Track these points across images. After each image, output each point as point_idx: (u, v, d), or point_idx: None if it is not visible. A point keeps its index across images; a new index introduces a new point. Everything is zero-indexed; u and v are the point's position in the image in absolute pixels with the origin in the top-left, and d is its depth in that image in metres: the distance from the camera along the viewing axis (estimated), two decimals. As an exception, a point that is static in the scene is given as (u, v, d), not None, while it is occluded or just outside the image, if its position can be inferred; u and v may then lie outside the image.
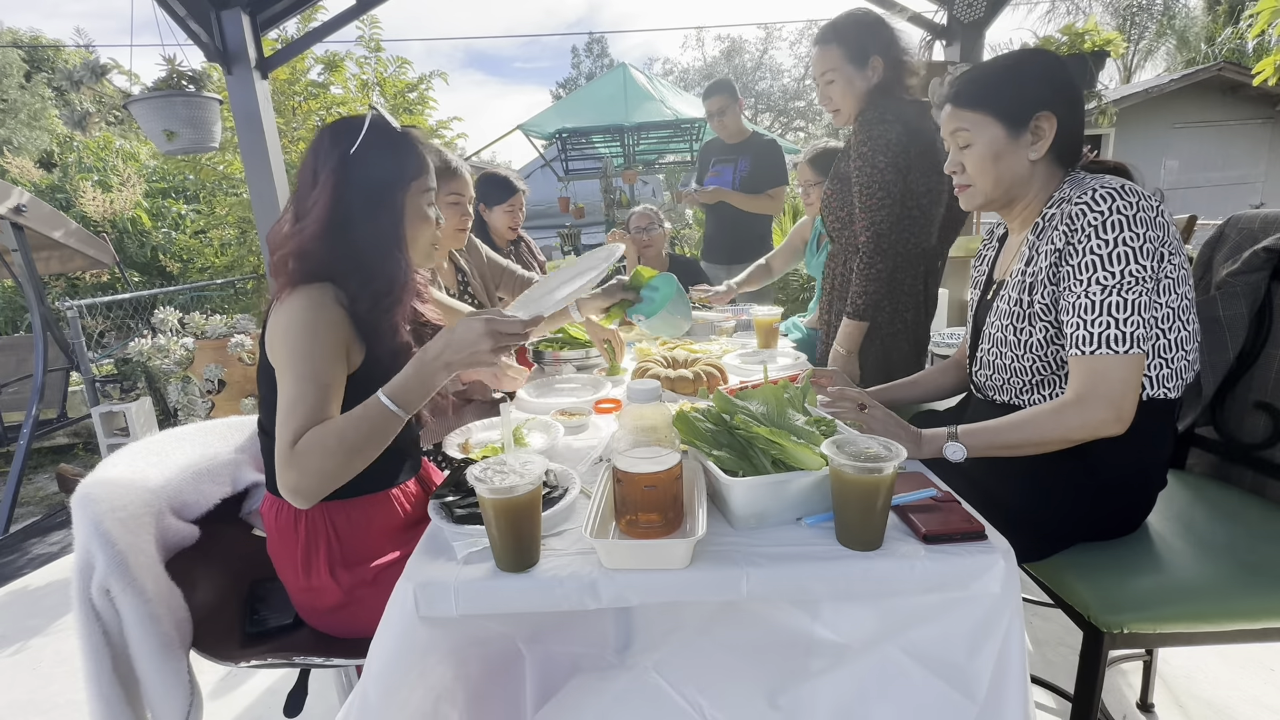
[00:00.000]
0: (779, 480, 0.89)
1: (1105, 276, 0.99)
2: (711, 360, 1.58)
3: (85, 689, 0.99)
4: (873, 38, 1.71)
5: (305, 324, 1.01)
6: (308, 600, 1.12)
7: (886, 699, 0.81)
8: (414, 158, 1.13)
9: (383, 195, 1.10)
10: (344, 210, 1.07)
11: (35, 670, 2.00)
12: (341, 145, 1.08)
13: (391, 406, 0.97)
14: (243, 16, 3.25)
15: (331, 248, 1.07)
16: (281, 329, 1.02)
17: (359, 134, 1.07)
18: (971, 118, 1.13)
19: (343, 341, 1.05)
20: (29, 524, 3.20)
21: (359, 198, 1.08)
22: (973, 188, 1.17)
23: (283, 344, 1.02)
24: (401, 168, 1.11)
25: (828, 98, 1.78)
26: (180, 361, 3.41)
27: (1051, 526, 1.09)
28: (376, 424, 0.97)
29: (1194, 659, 1.68)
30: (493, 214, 2.66)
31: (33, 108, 16.28)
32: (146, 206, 6.84)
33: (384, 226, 1.10)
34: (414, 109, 5.49)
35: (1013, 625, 0.80)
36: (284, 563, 1.12)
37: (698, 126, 8.65)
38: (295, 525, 1.10)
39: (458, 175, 1.83)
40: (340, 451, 0.95)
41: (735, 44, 26.49)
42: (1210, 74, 10.21)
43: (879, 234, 1.68)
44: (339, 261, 1.07)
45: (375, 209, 1.09)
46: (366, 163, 1.08)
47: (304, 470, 0.94)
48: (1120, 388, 1.00)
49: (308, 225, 1.07)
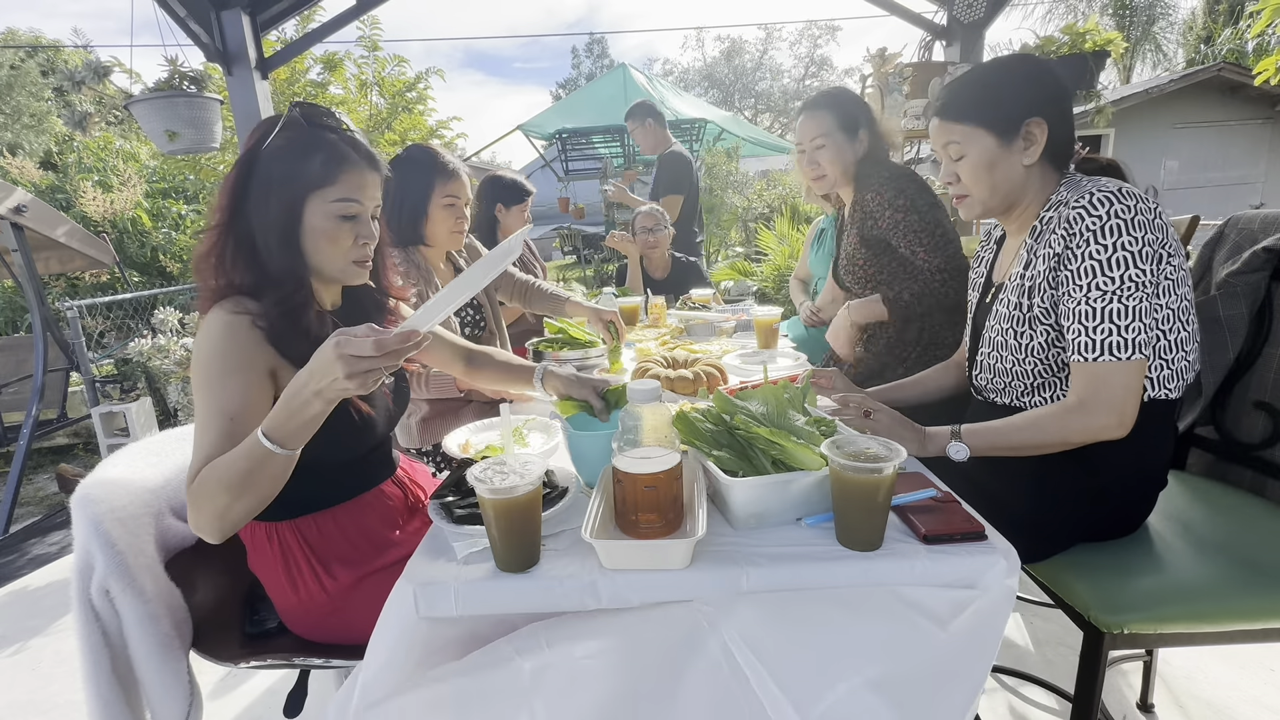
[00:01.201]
0: (779, 480, 0.89)
1: (1105, 282, 0.99)
2: (711, 360, 1.57)
3: (84, 689, 0.99)
4: (861, 111, 1.78)
5: (215, 352, 0.95)
6: (298, 613, 1.10)
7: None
8: (325, 157, 1.02)
9: (280, 194, 1.00)
10: (245, 207, 1.01)
11: (35, 670, 2.00)
12: (254, 141, 1.02)
13: (267, 443, 0.84)
14: (243, 17, 3.26)
15: (232, 247, 1.01)
16: (195, 356, 0.97)
17: (272, 128, 1.01)
18: (961, 130, 1.13)
19: (261, 367, 0.97)
20: (29, 524, 3.20)
21: (257, 195, 1.01)
22: (970, 197, 1.17)
23: (195, 373, 0.96)
24: (305, 170, 1.01)
25: (815, 163, 1.80)
26: (180, 362, 3.41)
27: (1052, 527, 1.09)
28: (256, 462, 0.85)
29: (1194, 659, 1.68)
30: (509, 215, 2.67)
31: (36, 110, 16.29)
32: (147, 207, 6.84)
33: (272, 230, 1.01)
34: (413, 108, 5.49)
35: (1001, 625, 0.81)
36: (269, 579, 1.11)
37: (698, 127, 8.65)
38: (269, 544, 1.08)
39: (455, 177, 1.82)
40: (224, 492, 0.86)
41: (735, 44, 26.49)
42: (1210, 74, 10.21)
43: (958, 265, 1.68)
44: (241, 265, 1.01)
45: (266, 210, 1.01)
46: (271, 161, 1.00)
47: (199, 509, 0.88)
48: (1122, 393, 1.00)
49: (214, 219, 1.01)
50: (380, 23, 5.13)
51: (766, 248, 6.28)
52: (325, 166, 1.02)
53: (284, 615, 1.12)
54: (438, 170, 1.80)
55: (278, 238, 1.01)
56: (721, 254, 7.49)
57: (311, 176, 1.01)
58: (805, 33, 25.78)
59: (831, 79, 26.86)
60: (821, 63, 26.59)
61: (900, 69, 3.43)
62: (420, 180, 1.80)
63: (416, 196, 1.80)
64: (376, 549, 1.13)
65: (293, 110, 1.03)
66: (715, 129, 8.62)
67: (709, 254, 7.42)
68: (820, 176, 1.81)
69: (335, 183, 1.02)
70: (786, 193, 8.22)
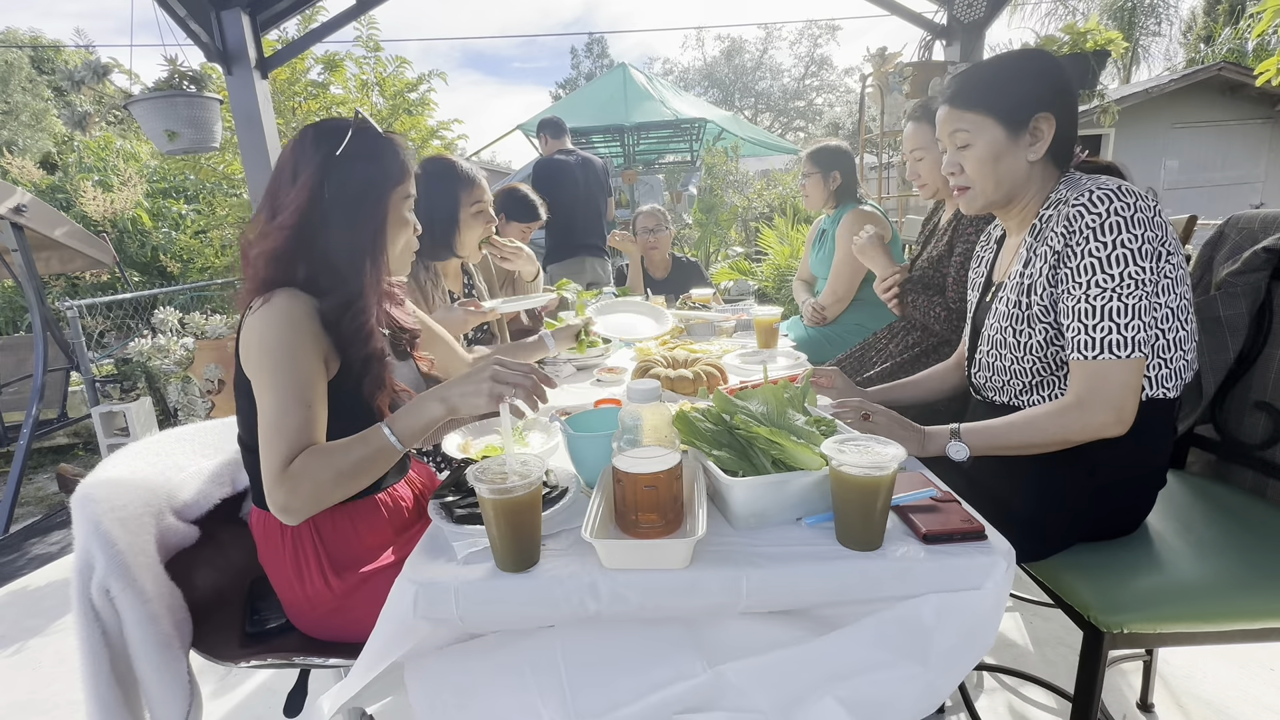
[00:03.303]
0: (779, 480, 0.89)
1: (1104, 279, 0.99)
2: (711, 360, 1.57)
3: (83, 689, 0.99)
4: None
5: (285, 341, 0.99)
6: (303, 608, 1.10)
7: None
8: (397, 163, 1.13)
9: (365, 200, 1.09)
10: (322, 211, 1.05)
11: (35, 670, 2.00)
12: (325, 146, 1.06)
13: (392, 439, 0.97)
14: (243, 16, 3.25)
15: (304, 248, 1.05)
16: (257, 342, 1.00)
17: (344, 136, 1.07)
18: (971, 118, 1.12)
19: (321, 354, 1.04)
20: (29, 524, 3.20)
21: (339, 201, 1.06)
22: (972, 189, 1.16)
23: (262, 359, 0.99)
24: (386, 173, 1.11)
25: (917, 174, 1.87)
26: (180, 361, 3.41)
27: (1052, 527, 1.09)
28: (375, 452, 0.97)
29: (1194, 659, 1.68)
30: (509, 228, 2.67)
31: (34, 109, 16.27)
32: (147, 206, 6.84)
33: (363, 231, 1.08)
34: (414, 110, 5.49)
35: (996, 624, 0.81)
36: (276, 572, 1.11)
37: (697, 126, 8.65)
38: (282, 535, 1.09)
39: (477, 183, 1.85)
40: (335, 479, 0.95)
41: (735, 44, 26.49)
42: (1210, 74, 10.20)
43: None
44: (312, 263, 1.06)
45: (356, 213, 1.08)
46: (351, 166, 1.06)
47: (295, 491, 0.93)
48: (1121, 391, 1.00)
49: (284, 221, 1.04)
50: (378, 23, 5.13)
51: (767, 247, 6.28)
52: (399, 165, 1.13)
53: (288, 609, 1.13)
54: (461, 180, 1.82)
55: (362, 234, 1.09)
56: (721, 254, 7.49)
57: (392, 174, 1.12)
58: (805, 32, 25.80)
59: (831, 78, 26.89)
60: (821, 62, 26.60)
61: (900, 68, 3.44)
62: (447, 192, 1.80)
63: (447, 210, 1.80)
64: (384, 549, 1.14)
65: (357, 118, 1.12)
66: (715, 129, 8.62)
67: (709, 254, 7.41)
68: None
69: (405, 179, 1.14)
70: (786, 192, 8.22)
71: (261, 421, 0.97)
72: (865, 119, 6.14)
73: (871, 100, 5.41)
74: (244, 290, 1.09)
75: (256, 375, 1.00)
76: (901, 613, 0.79)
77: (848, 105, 24.26)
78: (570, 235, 3.88)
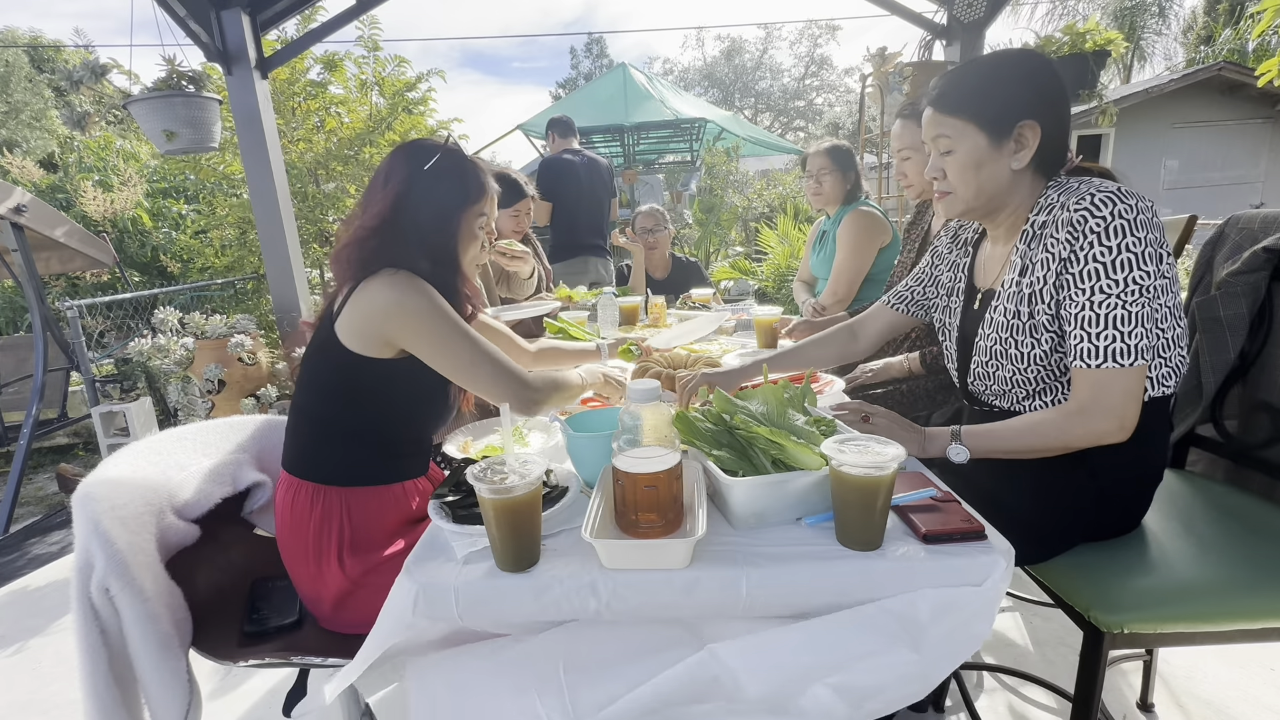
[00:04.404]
0: (779, 480, 0.89)
1: (1109, 285, 0.98)
2: (711, 360, 1.57)
3: (80, 688, 0.98)
4: None
5: (434, 300, 1.14)
6: (314, 589, 1.12)
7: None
8: (476, 183, 1.25)
9: (442, 213, 1.21)
10: (404, 215, 1.18)
11: (35, 670, 2.00)
12: (414, 161, 1.19)
13: (584, 380, 1.37)
14: (243, 16, 3.26)
15: (388, 236, 1.18)
16: (416, 307, 1.12)
17: (434, 153, 1.20)
18: (953, 124, 1.09)
19: None
20: (29, 524, 3.20)
21: (420, 210, 1.19)
22: (953, 195, 1.13)
23: (434, 320, 1.13)
24: (465, 191, 1.23)
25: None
26: (180, 361, 3.41)
27: (1052, 528, 1.09)
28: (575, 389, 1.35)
29: (1194, 659, 1.68)
30: (498, 215, 2.64)
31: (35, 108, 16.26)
32: (147, 206, 6.83)
33: (435, 238, 1.21)
34: (414, 109, 5.48)
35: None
36: (294, 548, 1.14)
37: (697, 126, 8.65)
38: (310, 509, 1.13)
39: (523, 193, 2.14)
40: (555, 393, 1.27)
41: (735, 43, 26.49)
42: (1210, 74, 10.21)
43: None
44: (395, 246, 1.17)
45: (430, 224, 1.20)
46: (434, 180, 1.19)
47: (539, 401, 1.23)
48: (1123, 399, 0.99)
49: (367, 219, 1.18)
50: (379, 22, 5.12)
51: (767, 246, 6.28)
52: (477, 185, 1.26)
53: (298, 585, 1.16)
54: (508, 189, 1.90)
55: (440, 242, 1.23)
56: (721, 253, 7.49)
57: (470, 192, 1.25)
58: (805, 32, 25.80)
59: (831, 78, 26.89)
60: (821, 62, 26.60)
61: (900, 68, 3.44)
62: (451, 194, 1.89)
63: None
64: (398, 537, 1.16)
65: (449, 140, 1.27)
66: (715, 128, 8.62)
67: (709, 254, 7.41)
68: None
69: (481, 200, 1.27)
70: (786, 192, 8.22)
71: (469, 369, 1.16)
72: (865, 119, 6.14)
73: (871, 100, 5.41)
74: (341, 275, 1.20)
75: (419, 338, 1.13)
76: (896, 602, 0.79)
77: (848, 105, 24.22)
78: (573, 235, 3.86)
